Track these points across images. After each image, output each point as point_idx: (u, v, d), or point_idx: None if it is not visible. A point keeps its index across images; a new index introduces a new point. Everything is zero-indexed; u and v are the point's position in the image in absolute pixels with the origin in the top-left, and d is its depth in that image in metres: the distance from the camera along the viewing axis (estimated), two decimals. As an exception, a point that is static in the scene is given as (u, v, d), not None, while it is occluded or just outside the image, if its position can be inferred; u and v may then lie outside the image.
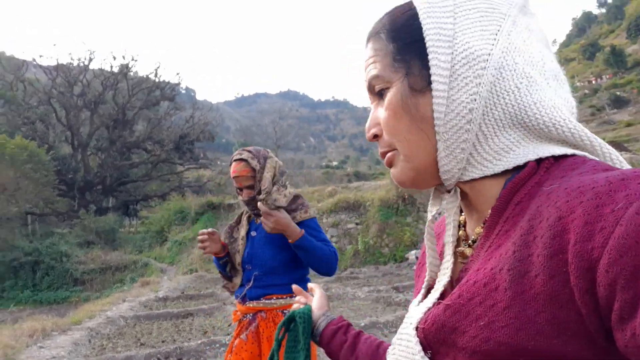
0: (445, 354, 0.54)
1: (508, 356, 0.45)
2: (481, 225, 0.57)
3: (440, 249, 0.66)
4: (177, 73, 40.37)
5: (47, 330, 6.37)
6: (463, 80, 0.53)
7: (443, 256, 0.62)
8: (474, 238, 0.58)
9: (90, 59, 31.32)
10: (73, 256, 18.26)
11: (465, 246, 0.61)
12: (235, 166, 2.14)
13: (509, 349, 0.45)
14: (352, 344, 0.86)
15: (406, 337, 0.59)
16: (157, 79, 33.35)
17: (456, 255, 0.61)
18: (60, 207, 26.37)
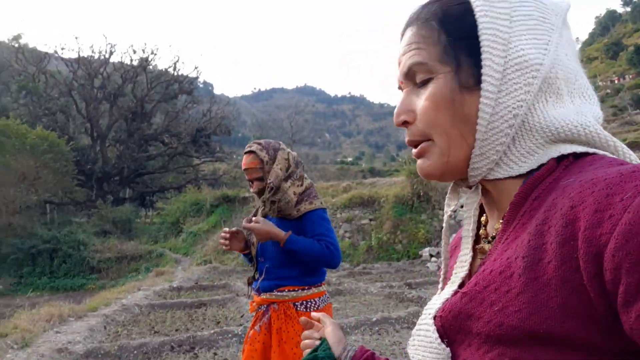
0: (461, 342, 0.55)
1: (520, 340, 0.46)
2: (500, 221, 0.58)
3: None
4: (196, 67, 40.42)
5: (64, 316, 6.50)
6: (513, 85, 0.54)
7: (460, 250, 0.64)
8: (494, 234, 0.59)
9: (110, 52, 31.78)
10: (90, 245, 18.62)
11: (485, 242, 0.62)
12: (245, 159, 2.15)
13: (522, 333, 0.46)
14: None
15: (424, 327, 0.60)
16: (176, 73, 33.61)
17: (476, 251, 0.62)
18: (78, 197, 26.83)
